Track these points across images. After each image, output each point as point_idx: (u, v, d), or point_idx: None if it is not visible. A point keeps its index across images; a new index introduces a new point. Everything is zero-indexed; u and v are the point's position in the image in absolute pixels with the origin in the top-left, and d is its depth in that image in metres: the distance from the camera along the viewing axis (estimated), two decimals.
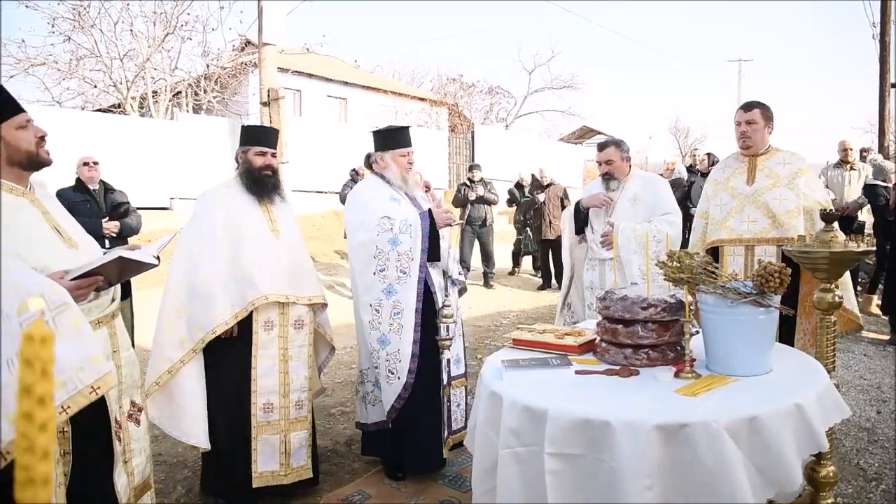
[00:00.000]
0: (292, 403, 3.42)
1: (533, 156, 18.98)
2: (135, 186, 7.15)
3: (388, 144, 3.75)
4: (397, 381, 3.50)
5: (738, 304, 2.24)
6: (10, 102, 2.20)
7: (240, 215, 3.35)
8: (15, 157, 2.20)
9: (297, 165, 13.00)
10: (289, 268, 3.41)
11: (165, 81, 17.61)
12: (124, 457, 2.46)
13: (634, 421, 1.87)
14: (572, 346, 2.63)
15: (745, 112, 3.81)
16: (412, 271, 3.51)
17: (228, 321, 3.21)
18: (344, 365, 6.38)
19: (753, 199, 3.76)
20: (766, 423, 1.89)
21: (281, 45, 12.64)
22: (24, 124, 2.20)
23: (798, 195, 3.68)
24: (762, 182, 3.77)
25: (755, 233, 3.74)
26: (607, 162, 4.23)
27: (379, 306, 3.54)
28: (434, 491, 3.54)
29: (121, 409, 2.47)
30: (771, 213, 3.70)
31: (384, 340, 3.52)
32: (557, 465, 1.95)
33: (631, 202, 4.18)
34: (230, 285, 3.24)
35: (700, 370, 2.33)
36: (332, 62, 22.85)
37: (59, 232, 2.32)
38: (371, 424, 3.78)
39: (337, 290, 10.13)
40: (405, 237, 3.52)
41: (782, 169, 3.77)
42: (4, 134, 2.15)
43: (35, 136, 2.22)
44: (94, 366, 1.95)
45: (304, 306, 3.48)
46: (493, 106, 31.05)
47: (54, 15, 16.24)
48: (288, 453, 3.40)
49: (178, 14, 17.12)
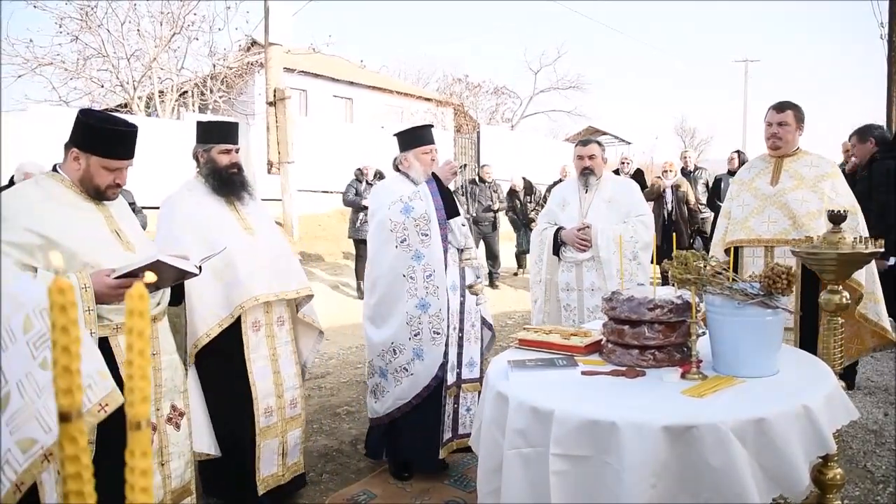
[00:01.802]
0: (287, 403, 3.38)
1: (538, 156, 18.98)
2: (141, 186, 7.16)
3: (410, 144, 3.76)
4: (441, 339, 3.53)
5: (745, 305, 2.23)
6: (115, 145, 2.44)
7: (209, 218, 3.19)
8: (87, 183, 2.44)
9: (303, 165, 13.01)
10: (270, 264, 3.28)
11: (172, 81, 17.67)
12: (160, 458, 2.55)
13: (641, 422, 1.87)
14: (578, 347, 2.63)
15: (778, 113, 3.75)
16: (433, 231, 3.54)
17: (211, 331, 3.08)
18: (350, 365, 6.38)
19: (775, 199, 3.72)
20: (774, 424, 1.88)
21: (287, 45, 12.66)
22: (113, 169, 2.44)
23: (822, 198, 3.61)
24: (786, 183, 3.73)
25: (775, 233, 3.68)
26: (590, 157, 4.27)
27: (413, 273, 3.55)
28: (440, 491, 3.53)
29: (158, 411, 2.55)
30: (792, 214, 3.64)
31: (424, 304, 3.54)
32: (563, 466, 1.95)
33: (606, 203, 4.22)
34: (209, 293, 3.09)
35: (707, 371, 2.33)
36: (337, 62, 22.88)
37: (119, 235, 2.48)
38: (382, 417, 3.72)
39: (342, 291, 10.14)
40: (416, 202, 3.55)
41: (808, 171, 3.72)
42: (91, 164, 2.41)
43: (113, 181, 2.46)
44: (102, 382, 1.94)
45: (284, 303, 3.39)
46: (499, 106, 31.09)
47: (62, 15, 16.31)
48: (285, 454, 3.39)
49: (184, 14, 17.17)
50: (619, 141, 31.93)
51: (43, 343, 1.87)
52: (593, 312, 4.10)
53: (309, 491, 3.59)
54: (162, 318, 2.62)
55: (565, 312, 4.25)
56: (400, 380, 3.61)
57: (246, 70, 18.92)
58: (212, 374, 3.20)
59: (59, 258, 1.19)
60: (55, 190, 2.39)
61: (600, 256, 4.05)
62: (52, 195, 2.37)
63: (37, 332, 1.87)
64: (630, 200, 4.27)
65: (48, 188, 2.39)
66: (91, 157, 2.39)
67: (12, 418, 1.52)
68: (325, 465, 3.95)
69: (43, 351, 1.86)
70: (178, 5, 17.04)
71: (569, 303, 4.23)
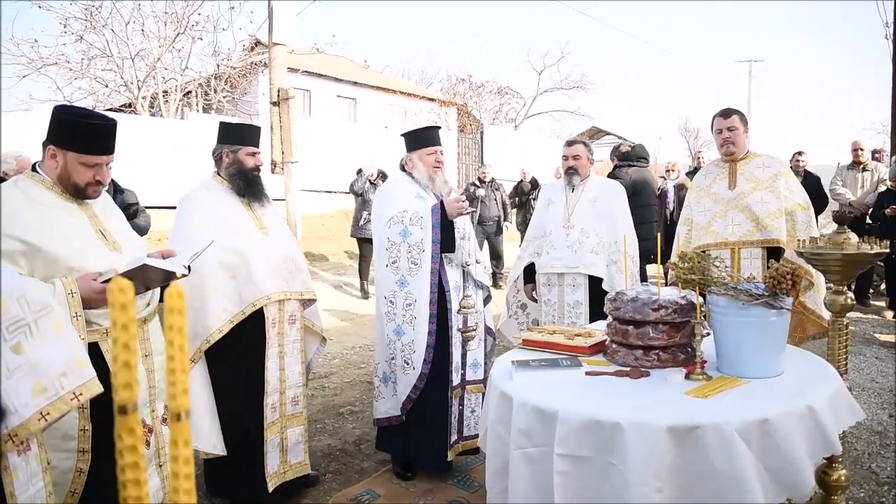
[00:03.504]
0: (289, 400, 3.43)
1: (542, 156, 18.95)
2: (144, 186, 7.19)
3: (415, 144, 3.78)
4: (412, 371, 3.53)
5: (749, 305, 2.22)
6: (92, 140, 2.34)
7: (226, 217, 3.25)
8: (66, 181, 2.34)
9: (307, 165, 13.01)
10: (282, 264, 3.37)
11: (176, 81, 17.68)
12: (158, 460, 2.51)
13: (645, 422, 1.86)
14: (582, 347, 2.63)
15: (725, 119, 3.93)
16: (424, 263, 3.53)
17: (223, 328, 3.12)
18: (353, 365, 6.38)
19: (736, 202, 3.89)
20: (778, 425, 1.88)
21: (291, 45, 12.66)
22: (91, 165, 2.33)
23: (779, 197, 3.81)
24: (743, 186, 3.90)
25: (740, 235, 3.86)
26: (574, 157, 4.35)
27: (393, 298, 3.59)
28: (443, 491, 3.53)
29: (153, 412, 2.50)
30: (754, 216, 3.82)
31: (399, 331, 3.57)
32: (567, 466, 1.95)
33: (591, 203, 4.29)
34: (223, 289, 3.15)
35: (711, 372, 2.32)
36: (341, 62, 22.91)
37: (104, 235, 2.40)
38: (382, 419, 3.75)
39: (345, 290, 10.15)
40: (415, 228, 3.55)
41: (762, 172, 3.90)
42: (68, 160, 2.31)
43: (93, 178, 2.35)
44: (78, 370, 1.89)
45: (296, 301, 3.46)
46: (503, 106, 31.08)
47: (67, 15, 16.34)
48: (285, 450, 3.42)
49: (188, 14, 17.18)
50: (623, 141, 31.88)
51: (17, 328, 1.83)
52: (574, 308, 4.19)
53: (312, 490, 3.59)
54: (152, 318, 2.56)
55: (545, 308, 4.35)
56: (377, 397, 3.76)
57: (250, 70, 18.94)
58: (223, 370, 3.23)
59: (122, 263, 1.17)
60: (34, 191, 2.30)
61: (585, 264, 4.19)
62: (32, 196, 2.28)
63: (12, 316, 1.84)
64: (615, 201, 4.35)
65: (27, 189, 2.30)
66: (67, 153, 2.29)
67: None
68: (328, 465, 3.94)
69: (16, 335, 1.82)
70: (182, 5, 17.05)
71: (549, 298, 4.33)
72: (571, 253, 4.20)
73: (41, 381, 1.78)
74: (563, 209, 4.33)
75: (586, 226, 4.21)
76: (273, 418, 3.36)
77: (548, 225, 4.37)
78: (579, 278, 4.20)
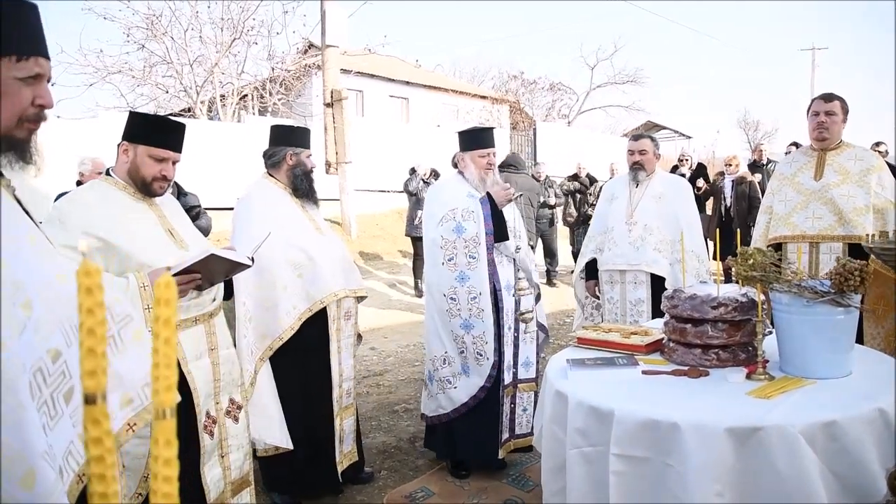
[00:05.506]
0: (344, 392, 3.56)
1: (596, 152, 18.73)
2: (204, 188, 7.39)
3: (469, 145, 3.79)
4: (486, 361, 3.56)
5: (814, 303, 2.15)
6: (161, 135, 2.48)
7: (288, 216, 3.34)
8: (134, 175, 2.47)
9: (360, 165, 13.18)
10: (339, 262, 3.49)
11: (233, 85, 18.15)
12: (220, 451, 2.62)
13: (704, 423, 1.82)
14: (639, 346, 2.58)
15: (826, 102, 3.68)
16: (481, 255, 3.57)
17: (294, 325, 3.22)
18: (407, 363, 6.43)
19: (820, 194, 3.65)
20: (846, 428, 1.81)
21: (343, 46, 12.84)
22: (160, 158, 2.45)
23: (868, 193, 3.55)
24: (830, 178, 3.65)
25: (820, 230, 3.63)
26: (641, 152, 4.21)
27: (454, 294, 3.60)
28: (497, 490, 3.53)
29: (218, 405, 2.61)
30: (837, 210, 3.58)
31: (468, 325, 3.59)
32: (623, 466, 1.92)
33: (655, 199, 4.15)
34: (292, 288, 3.24)
35: (774, 372, 2.25)
36: (393, 62, 23.07)
37: (172, 234, 2.53)
38: (432, 417, 3.78)
39: (399, 289, 10.23)
40: (469, 223, 3.58)
41: (853, 165, 3.64)
42: (138, 153, 2.44)
43: (159, 173, 2.46)
44: (145, 397, 1.92)
45: (352, 298, 3.58)
46: (555, 102, 30.76)
47: (130, 25, 16.95)
48: (341, 440, 3.53)
49: (244, 19, 17.62)
50: (679, 135, 31.15)
51: None
52: (636, 306, 4.10)
53: (367, 487, 3.64)
54: (218, 313, 2.67)
55: (608, 305, 4.25)
56: (444, 390, 3.70)
57: (303, 72, 19.27)
58: (285, 367, 3.29)
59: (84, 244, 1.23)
60: (108, 192, 2.44)
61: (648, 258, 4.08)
62: (106, 198, 2.42)
63: None
64: (680, 198, 4.21)
65: (102, 191, 2.44)
66: (138, 147, 2.43)
67: (76, 410, 1.56)
68: (383, 462, 3.99)
69: None
70: (238, 11, 17.49)
71: (612, 296, 4.24)
72: (633, 250, 4.09)
73: (127, 392, 1.83)
74: (625, 205, 4.21)
75: (649, 222, 4.09)
76: (336, 411, 3.48)
77: (610, 221, 4.26)
78: (641, 275, 4.10)
